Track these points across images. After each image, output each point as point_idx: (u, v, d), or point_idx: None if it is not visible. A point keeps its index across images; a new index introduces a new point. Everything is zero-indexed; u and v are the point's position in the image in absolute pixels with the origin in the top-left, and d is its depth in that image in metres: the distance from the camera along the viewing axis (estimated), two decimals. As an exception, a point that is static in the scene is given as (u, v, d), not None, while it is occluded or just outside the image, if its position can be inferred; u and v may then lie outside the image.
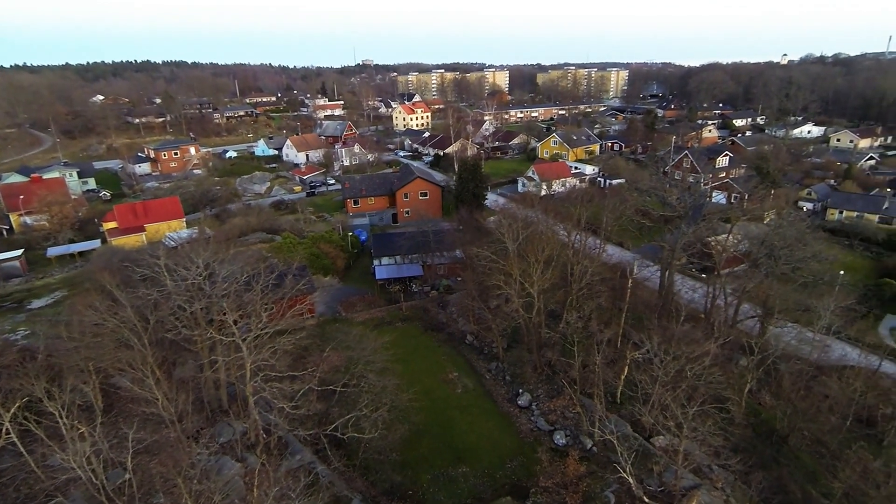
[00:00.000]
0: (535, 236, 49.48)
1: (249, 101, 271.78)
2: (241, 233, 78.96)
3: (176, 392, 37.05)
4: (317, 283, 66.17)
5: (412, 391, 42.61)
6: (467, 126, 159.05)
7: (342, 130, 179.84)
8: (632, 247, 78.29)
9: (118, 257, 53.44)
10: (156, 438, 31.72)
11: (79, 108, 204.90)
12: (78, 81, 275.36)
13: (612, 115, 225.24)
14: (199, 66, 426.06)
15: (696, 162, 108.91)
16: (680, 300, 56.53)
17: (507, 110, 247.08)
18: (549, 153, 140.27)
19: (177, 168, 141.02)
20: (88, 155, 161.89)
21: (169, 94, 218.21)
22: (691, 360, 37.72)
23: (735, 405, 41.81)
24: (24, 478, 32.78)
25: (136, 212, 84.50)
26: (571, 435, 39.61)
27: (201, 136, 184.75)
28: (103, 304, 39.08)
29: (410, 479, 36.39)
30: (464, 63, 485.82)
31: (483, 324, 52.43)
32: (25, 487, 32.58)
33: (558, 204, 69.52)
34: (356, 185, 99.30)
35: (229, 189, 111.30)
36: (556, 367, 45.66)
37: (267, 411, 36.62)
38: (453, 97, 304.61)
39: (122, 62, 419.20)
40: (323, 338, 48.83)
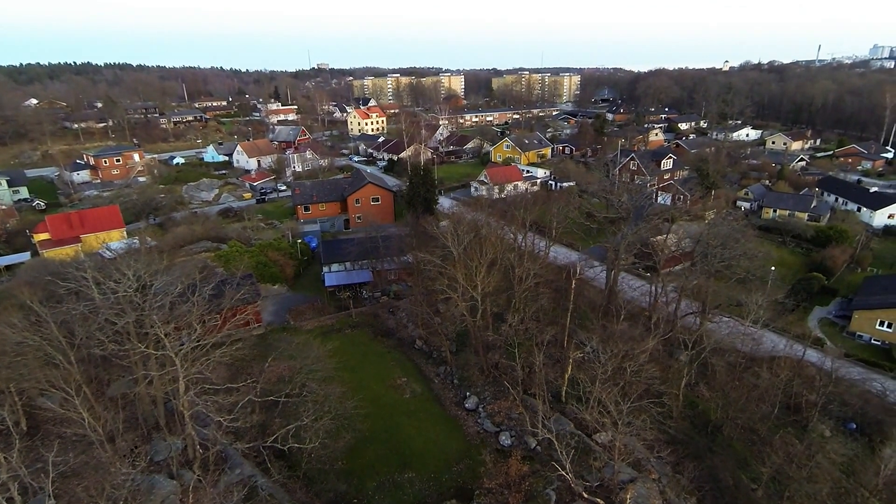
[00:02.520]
0: (479, 240, 50.04)
1: (199, 105, 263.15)
2: (186, 242, 76.38)
3: (107, 410, 35.54)
4: (265, 291, 64.80)
5: (358, 398, 42.25)
6: (421, 131, 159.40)
7: (295, 135, 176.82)
8: (581, 248, 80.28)
9: (47, 271, 50.69)
10: (80, 460, 30.14)
11: (9, 113, 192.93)
12: (9, 84, 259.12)
13: (564, 119, 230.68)
14: (145, 69, 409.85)
15: (642, 165, 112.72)
16: (623, 299, 58.29)
17: (462, 115, 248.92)
18: (502, 157, 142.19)
19: (119, 175, 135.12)
20: (21, 162, 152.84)
21: (111, 99, 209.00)
22: (629, 357, 39.06)
23: (673, 399, 43.51)
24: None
25: (72, 222, 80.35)
26: (516, 435, 40.19)
27: (146, 142, 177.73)
28: (24, 322, 37.00)
29: (355, 487, 36.07)
30: (420, 67, 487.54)
31: (431, 328, 52.58)
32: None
33: (507, 207, 70.53)
34: (307, 191, 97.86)
35: (175, 197, 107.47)
36: (501, 368, 46.26)
37: (205, 426, 35.50)
38: (409, 101, 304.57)
39: (60, 64, 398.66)
40: (267, 347, 47.77)
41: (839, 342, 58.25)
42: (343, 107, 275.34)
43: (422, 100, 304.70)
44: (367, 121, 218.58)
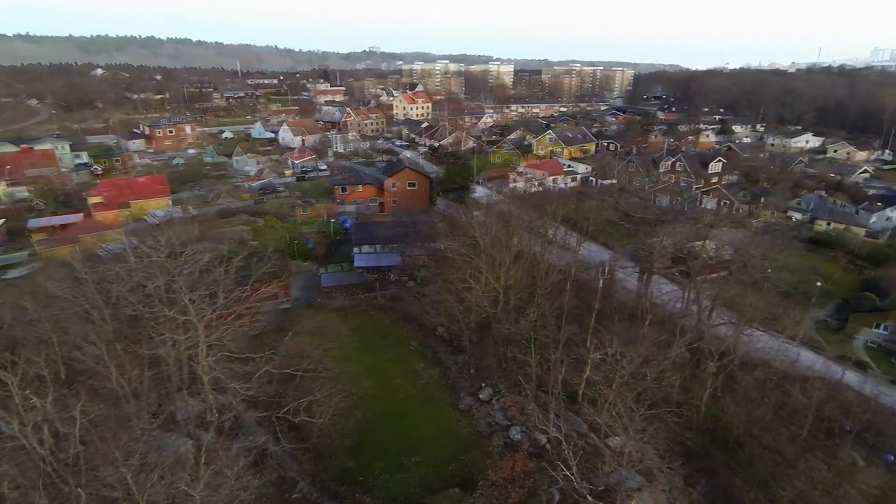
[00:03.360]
0: (508, 231, 49.49)
1: (251, 82, 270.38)
2: (225, 213, 78.96)
3: (134, 368, 37.26)
4: (295, 267, 66.33)
5: (374, 379, 42.87)
6: (465, 119, 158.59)
7: (341, 117, 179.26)
8: (615, 247, 78.36)
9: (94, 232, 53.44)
10: (102, 412, 31.77)
11: (78, 81, 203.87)
12: (79, 54, 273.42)
13: (612, 114, 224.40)
14: (204, 45, 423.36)
15: (687, 166, 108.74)
16: (652, 303, 56.60)
17: (509, 105, 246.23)
18: (544, 150, 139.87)
19: (171, 146, 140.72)
20: (84, 129, 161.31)
21: (170, 72, 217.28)
22: (650, 362, 37.97)
23: (694, 409, 42.11)
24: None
25: (123, 188, 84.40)
26: (527, 431, 39.83)
27: (199, 115, 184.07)
28: (67, 278, 39.16)
29: (362, 465, 36.63)
30: (470, 55, 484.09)
31: (453, 317, 52.50)
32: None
33: (542, 200, 69.43)
34: (346, 171, 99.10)
35: (220, 169, 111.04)
36: (518, 363, 45.82)
37: (223, 391, 36.78)
38: (456, 89, 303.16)
39: (127, 37, 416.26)
40: (290, 321, 48.95)
41: (885, 368, 54.86)
42: (390, 90, 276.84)
43: (469, 87, 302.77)
44: (412, 106, 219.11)
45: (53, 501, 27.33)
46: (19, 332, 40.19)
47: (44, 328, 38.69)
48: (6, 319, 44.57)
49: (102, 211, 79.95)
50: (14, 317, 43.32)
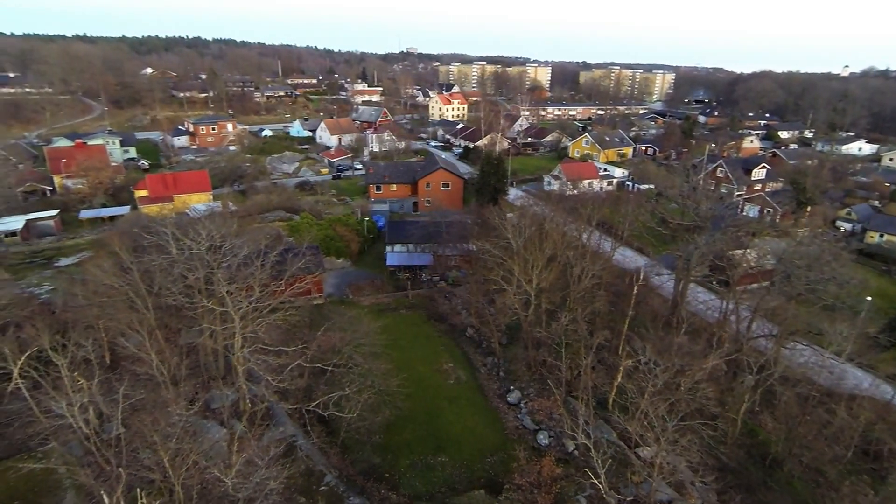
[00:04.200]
0: (541, 234, 49.06)
1: (291, 81, 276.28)
2: (263, 210, 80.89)
3: (174, 356, 38.62)
4: (329, 264, 67.38)
5: (403, 377, 43.03)
6: (500, 120, 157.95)
7: (377, 117, 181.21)
8: (651, 253, 76.66)
9: (139, 224, 55.68)
10: (143, 397, 33.03)
11: (128, 80, 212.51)
12: (130, 54, 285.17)
13: (651, 118, 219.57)
14: (247, 45, 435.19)
15: (729, 172, 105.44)
16: (689, 312, 55.17)
17: (545, 107, 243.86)
18: (580, 153, 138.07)
19: (213, 143, 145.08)
20: (133, 125, 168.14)
21: (214, 71, 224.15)
22: (684, 372, 36.97)
23: (729, 423, 40.77)
24: (28, 420, 34.71)
25: (167, 182, 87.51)
26: (555, 436, 39.40)
27: (240, 114, 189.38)
28: (114, 268, 40.91)
29: (389, 462, 36.93)
30: (507, 57, 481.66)
31: (483, 318, 52.43)
32: (29, 428, 34.48)
33: (577, 204, 68.52)
34: (380, 170, 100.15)
35: (258, 166, 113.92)
36: (548, 367, 45.36)
37: (256, 383, 37.73)
38: (492, 90, 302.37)
39: (175, 37, 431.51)
40: (323, 317, 49.72)
41: (940, 390, 51.76)
42: (426, 91, 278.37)
43: (505, 89, 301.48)
44: (448, 107, 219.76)
45: (97, 479, 28.54)
46: (70, 316, 42.30)
47: (92, 314, 40.61)
48: (59, 304, 47.01)
49: (148, 204, 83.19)
50: (65, 302, 45.62)
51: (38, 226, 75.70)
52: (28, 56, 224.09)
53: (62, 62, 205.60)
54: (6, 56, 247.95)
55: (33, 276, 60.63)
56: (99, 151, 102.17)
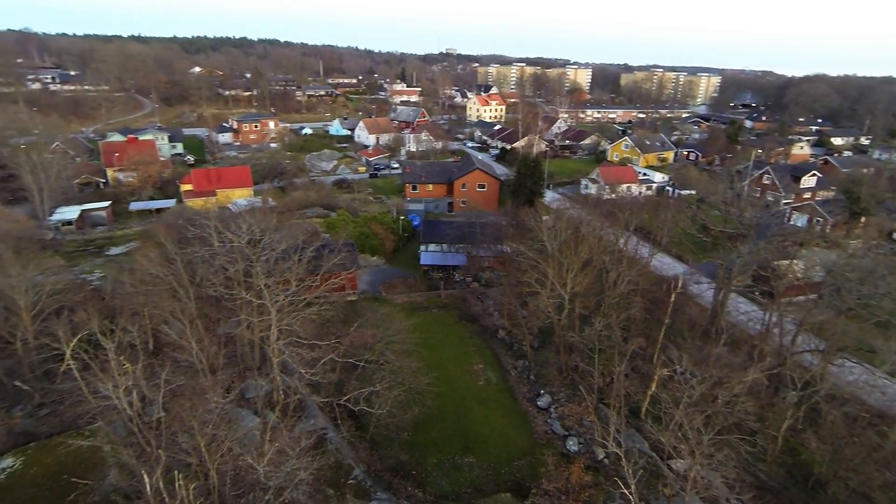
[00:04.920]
0: (577, 238, 48.38)
1: (331, 81, 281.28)
2: (301, 206, 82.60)
3: (212, 345, 39.88)
4: (363, 261, 68.28)
5: (433, 376, 43.13)
6: (538, 122, 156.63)
7: (415, 117, 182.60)
8: (690, 261, 74.53)
9: (183, 217, 57.82)
10: (183, 383, 34.22)
11: (178, 78, 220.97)
12: (181, 53, 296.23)
13: (694, 122, 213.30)
14: (290, 45, 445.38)
15: (777, 179, 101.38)
16: (728, 322, 53.35)
17: (584, 109, 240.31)
18: (619, 157, 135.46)
19: (255, 140, 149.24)
20: (181, 122, 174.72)
21: (258, 70, 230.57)
22: (722, 385, 35.77)
23: (769, 440, 39.18)
24: (77, 399, 36.54)
25: (210, 177, 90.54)
26: (584, 443, 38.78)
27: (282, 112, 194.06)
28: (160, 258, 42.60)
29: (416, 459, 37.10)
30: (547, 58, 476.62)
31: (516, 320, 52.10)
32: (78, 407, 36.29)
33: (614, 208, 67.29)
34: (416, 170, 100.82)
35: (298, 164, 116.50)
36: (580, 372, 44.67)
37: (290, 375, 38.57)
38: (530, 92, 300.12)
39: (223, 38, 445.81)
40: (356, 313, 50.45)
41: None
42: (464, 92, 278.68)
43: (544, 91, 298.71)
44: (486, 108, 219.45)
45: (138, 459, 29.75)
46: (118, 303, 44.26)
47: (138, 301, 42.37)
48: (108, 291, 49.27)
49: (192, 198, 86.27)
50: (114, 289, 47.77)
51: (92, 216, 79.61)
52: (88, 55, 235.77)
53: (118, 61, 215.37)
54: (69, 55, 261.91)
55: (86, 264, 63.72)
56: (149, 146, 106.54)
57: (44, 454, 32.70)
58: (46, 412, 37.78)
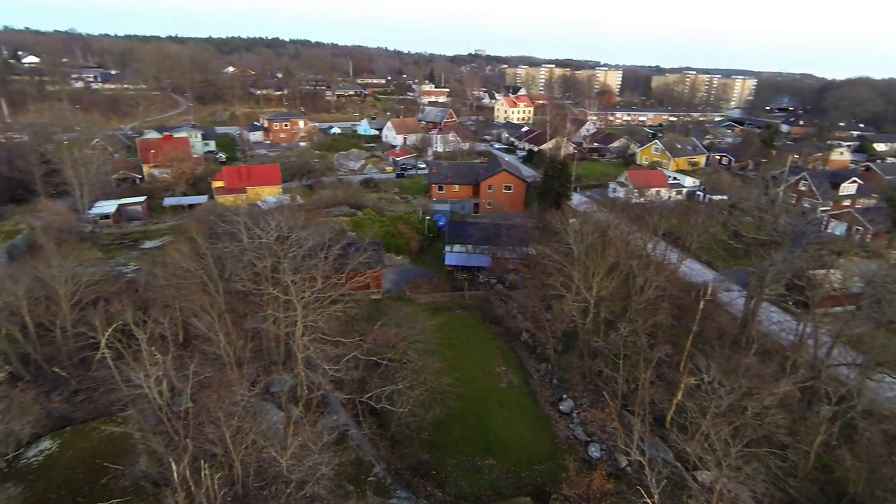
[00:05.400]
0: (603, 241, 47.74)
1: (360, 81, 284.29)
2: (328, 204, 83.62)
3: (239, 339, 40.70)
4: (388, 260, 68.72)
5: (455, 376, 43.15)
6: (567, 124, 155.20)
7: (442, 117, 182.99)
8: (720, 268, 72.72)
9: (214, 213, 59.23)
10: (210, 375, 35.02)
11: (212, 78, 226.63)
12: (215, 53, 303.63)
13: (728, 126, 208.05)
14: (321, 45, 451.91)
15: (814, 186, 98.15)
16: (759, 332, 51.86)
17: (613, 112, 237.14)
18: (649, 160, 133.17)
19: (285, 139, 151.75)
20: (214, 120, 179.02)
21: (289, 70, 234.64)
22: (752, 395, 34.78)
23: (801, 455, 37.90)
24: (111, 387, 37.77)
25: (241, 174, 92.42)
26: (607, 450, 38.19)
27: (311, 111, 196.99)
28: (191, 252, 43.71)
29: (437, 459, 37.13)
30: (576, 60, 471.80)
31: (539, 323, 51.66)
32: (111, 394, 37.49)
33: (642, 212, 66.14)
34: (443, 171, 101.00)
35: (326, 163, 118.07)
36: (604, 378, 44.03)
37: (314, 370, 39.08)
38: (559, 93, 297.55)
39: (256, 38, 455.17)
40: (380, 312, 50.82)
41: None
42: (492, 93, 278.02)
43: (573, 93, 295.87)
44: (513, 109, 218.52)
45: (166, 447, 30.58)
46: (151, 295, 45.58)
47: (169, 294, 43.52)
48: (142, 283, 50.78)
49: (223, 194, 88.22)
50: (147, 282, 49.20)
51: (128, 210, 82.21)
52: (128, 55, 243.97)
53: (156, 61, 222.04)
54: (110, 55, 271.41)
55: (121, 256, 65.81)
56: (183, 144, 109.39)
57: (79, 438, 33.86)
58: (82, 398, 39.11)
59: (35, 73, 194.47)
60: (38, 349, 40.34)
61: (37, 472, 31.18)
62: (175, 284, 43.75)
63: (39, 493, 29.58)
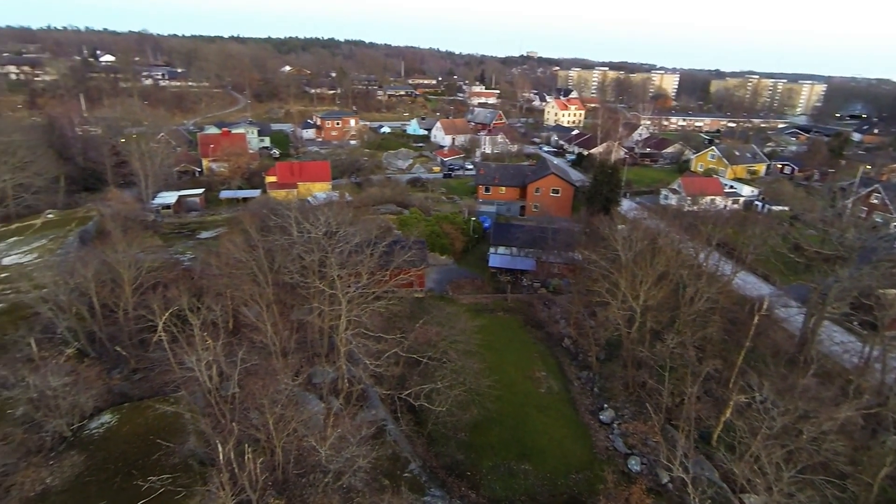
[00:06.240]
0: (653, 249, 46.31)
1: (412, 81, 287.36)
2: (375, 202, 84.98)
3: (285, 330, 41.97)
4: (432, 259, 69.14)
5: (494, 379, 42.90)
6: (619, 128, 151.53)
7: (492, 119, 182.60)
8: (778, 282, 69.09)
9: (267, 206, 61.35)
10: (257, 363, 36.25)
11: (269, 76, 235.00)
12: (273, 53, 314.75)
13: (792, 133, 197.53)
14: (374, 46, 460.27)
15: (887, 199, 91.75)
16: (819, 352, 48.89)
17: (668, 116, 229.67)
18: (704, 167, 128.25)
19: (336, 136, 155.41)
20: (269, 117, 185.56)
21: (343, 70, 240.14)
22: (808, 419, 32.84)
23: (863, 487, 35.46)
24: (165, 368, 39.72)
25: (293, 170, 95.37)
26: (647, 464, 37.02)
27: (363, 110, 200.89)
28: (244, 244, 45.41)
29: (472, 461, 37.03)
30: (631, 63, 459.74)
31: (582, 330, 50.71)
32: (166, 375, 39.40)
33: (695, 220, 63.71)
34: (490, 172, 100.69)
35: (375, 161, 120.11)
36: (648, 389, 42.67)
37: (355, 364, 39.80)
38: (612, 97, 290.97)
39: (312, 38, 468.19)
40: (422, 310, 51.16)
41: None
42: (543, 96, 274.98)
43: (626, 97, 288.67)
44: (564, 112, 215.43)
45: (214, 429, 31.91)
46: (205, 283, 47.60)
47: (222, 283, 45.37)
48: (197, 271, 53.15)
49: (275, 189, 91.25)
50: (202, 270, 51.44)
51: (188, 201, 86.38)
52: (193, 55, 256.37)
53: (218, 60, 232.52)
54: (177, 54, 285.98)
55: (179, 245, 69.15)
56: (240, 139, 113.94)
57: (135, 414, 35.81)
58: (139, 377, 41.33)
59: (110, 70, 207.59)
60: (102, 329, 42.92)
61: (97, 442, 33.22)
62: (227, 274, 45.57)
63: (99, 462, 31.50)
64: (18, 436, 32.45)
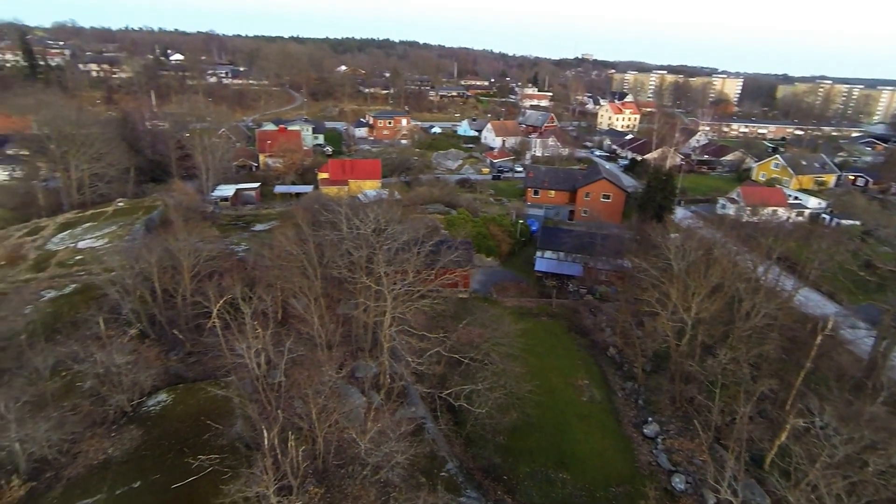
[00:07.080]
0: (707, 260, 44.49)
1: (464, 83, 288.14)
2: (424, 201, 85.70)
3: (331, 323, 42.96)
4: (478, 261, 69.10)
5: (535, 384, 42.35)
6: (675, 134, 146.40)
7: (543, 121, 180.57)
8: (846, 301, 64.84)
9: (318, 202, 63.09)
10: (303, 354, 37.29)
11: (325, 75, 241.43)
12: (330, 53, 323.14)
13: (867, 143, 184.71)
14: (428, 47, 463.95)
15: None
16: (890, 379, 45.53)
17: (729, 122, 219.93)
18: (766, 176, 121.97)
19: (388, 136, 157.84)
20: (324, 115, 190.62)
21: (397, 71, 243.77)
22: (874, 450, 30.64)
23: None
24: (217, 353, 41.52)
25: (345, 167, 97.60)
26: (693, 483, 35.55)
27: (414, 111, 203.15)
28: (295, 237, 46.86)
29: (509, 465, 36.71)
30: (690, 66, 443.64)
31: (629, 340, 49.30)
32: (217, 360, 41.16)
33: (756, 232, 60.73)
34: (540, 175, 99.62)
35: (425, 161, 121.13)
36: (696, 406, 41.04)
37: (398, 361, 40.29)
38: (669, 101, 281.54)
39: (368, 39, 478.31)
40: (466, 311, 51.21)
41: None
42: (597, 99, 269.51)
43: (684, 101, 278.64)
44: (618, 116, 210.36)
45: (260, 415, 33.09)
46: (257, 274, 49.47)
47: (273, 275, 47.01)
48: (250, 262, 55.31)
49: (327, 186, 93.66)
50: (255, 261, 53.50)
51: (244, 195, 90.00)
52: (255, 54, 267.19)
53: (278, 59, 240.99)
54: (240, 53, 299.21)
55: (235, 236, 72.12)
56: (295, 136, 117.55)
57: (188, 395, 37.63)
58: (193, 360, 43.39)
59: (179, 69, 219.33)
60: (162, 312, 45.36)
61: (154, 419, 35.14)
62: (279, 266, 47.17)
63: (155, 438, 33.31)
64: (86, 407, 34.81)
